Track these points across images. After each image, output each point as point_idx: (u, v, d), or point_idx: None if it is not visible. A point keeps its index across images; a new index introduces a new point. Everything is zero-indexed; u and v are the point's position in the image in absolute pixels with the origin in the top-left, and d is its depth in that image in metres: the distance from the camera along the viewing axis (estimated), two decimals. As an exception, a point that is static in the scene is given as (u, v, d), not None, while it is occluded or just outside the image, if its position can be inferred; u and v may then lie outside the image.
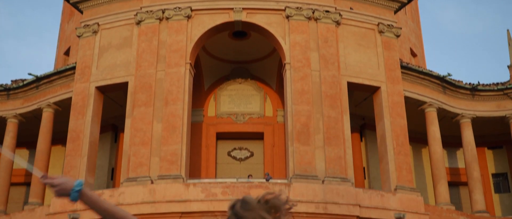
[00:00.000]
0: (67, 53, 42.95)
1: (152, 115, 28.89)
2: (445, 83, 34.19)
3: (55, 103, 33.06)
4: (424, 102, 33.21)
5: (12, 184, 35.49)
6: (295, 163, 28.30)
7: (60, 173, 32.70)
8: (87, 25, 31.96)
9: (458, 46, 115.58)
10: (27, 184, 35.27)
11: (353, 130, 32.93)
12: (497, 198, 37.83)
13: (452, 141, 37.16)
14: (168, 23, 30.55)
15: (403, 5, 33.33)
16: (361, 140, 35.72)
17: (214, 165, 33.11)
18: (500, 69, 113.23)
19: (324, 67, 30.04)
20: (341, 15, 31.14)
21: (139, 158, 28.39)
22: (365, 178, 34.64)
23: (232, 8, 30.62)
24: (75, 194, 3.68)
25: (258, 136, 33.77)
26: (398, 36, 32.36)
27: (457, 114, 34.71)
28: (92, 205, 3.76)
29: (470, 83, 35.28)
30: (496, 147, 39.05)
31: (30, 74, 33.90)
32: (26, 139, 36.56)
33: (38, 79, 33.74)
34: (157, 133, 28.72)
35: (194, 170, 31.63)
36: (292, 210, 3.52)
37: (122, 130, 32.29)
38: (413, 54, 44.27)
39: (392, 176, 29.50)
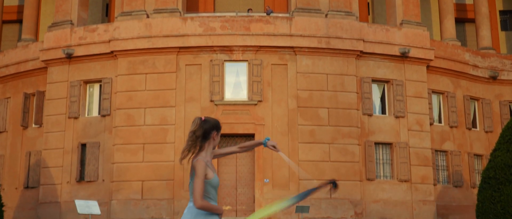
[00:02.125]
0: None
1: None
2: None
3: None
4: None
5: (4, 22, 34.48)
6: (297, -4, 27.00)
7: (53, 10, 31.49)
8: None
9: None
10: (20, 21, 34.13)
11: (358, -37, 31.22)
12: (503, 36, 36.91)
13: (461, -24, 35.57)
14: None
15: None
16: (366, -26, 34.04)
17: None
18: None
19: None
20: None
21: (133, -9, 27.05)
22: (369, 14, 33.43)
23: None
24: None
25: (258, -30, 32.09)
26: None
27: None
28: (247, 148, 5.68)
29: None
30: (506, -18, 37.49)
31: None
32: (15, -26, 34.98)
33: None
34: (151, -36, 27.12)
35: (191, 5, 30.31)
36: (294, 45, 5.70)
37: (115, -37, 30.58)
38: None
39: (398, 10, 28.36)
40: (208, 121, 5.15)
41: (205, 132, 5.10)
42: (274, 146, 5.39)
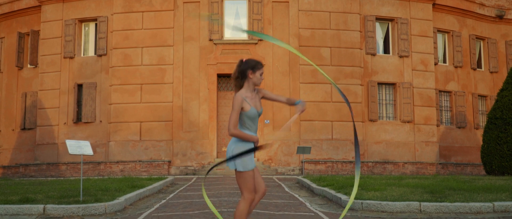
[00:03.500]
0: None
1: None
2: None
3: None
4: None
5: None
6: None
7: None
8: None
9: None
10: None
11: None
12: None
13: None
14: None
15: None
16: None
17: None
18: None
19: None
20: None
21: None
22: (373, -50, 32.31)
23: None
24: None
25: None
26: None
27: None
28: None
29: None
30: None
31: None
32: None
33: None
34: None
35: None
36: None
37: None
38: None
39: None
40: (247, 62, 5.76)
41: (242, 72, 5.71)
42: (302, 110, 5.87)
